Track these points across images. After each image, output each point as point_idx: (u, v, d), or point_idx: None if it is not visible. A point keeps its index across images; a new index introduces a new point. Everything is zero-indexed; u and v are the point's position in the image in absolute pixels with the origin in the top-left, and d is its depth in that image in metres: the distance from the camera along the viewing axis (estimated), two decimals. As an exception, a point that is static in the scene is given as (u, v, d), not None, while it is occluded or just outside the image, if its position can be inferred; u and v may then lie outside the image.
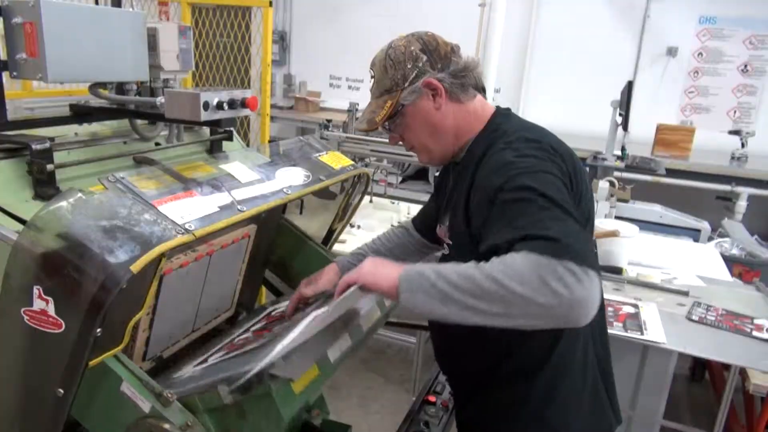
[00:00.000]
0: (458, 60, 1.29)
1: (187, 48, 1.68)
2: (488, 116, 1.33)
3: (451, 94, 1.29)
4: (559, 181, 1.11)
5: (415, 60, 1.27)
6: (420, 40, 1.30)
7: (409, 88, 1.27)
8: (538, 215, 1.01)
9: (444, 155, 1.36)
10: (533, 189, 1.05)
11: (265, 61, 3.72)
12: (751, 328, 2.10)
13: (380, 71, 1.33)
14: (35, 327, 1.04)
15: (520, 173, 1.09)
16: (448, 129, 1.31)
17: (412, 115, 1.31)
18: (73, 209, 1.05)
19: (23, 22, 1.29)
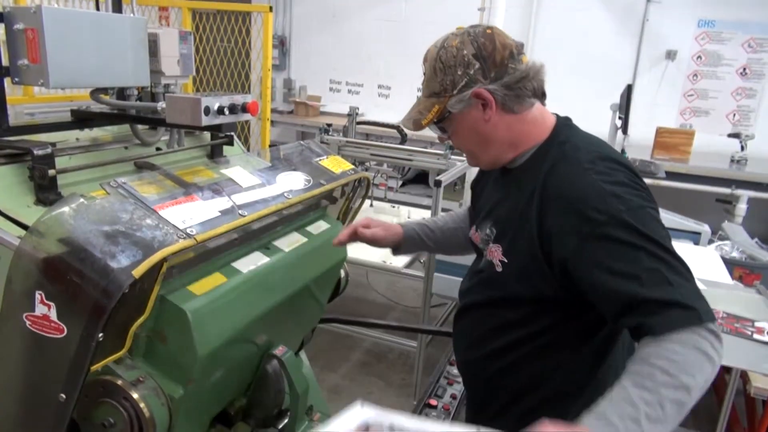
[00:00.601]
0: (516, 67, 1.17)
1: (187, 53, 1.69)
2: (550, 125, 1.24)
3: (505, 106, 1.18)
4: (657, 214, 1.10)
5: (466, 66, 1.16)
6: (475, 42, 1.16)
7: (457, 96, 1.18)
8: (662, 268, 1.01)
9: (494, 163, 1.29)
10: (641, 233, 1.03)
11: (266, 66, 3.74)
12: (752, 331, 2.10)
13: (430, 71, 1.23)
14: (37, 332, 1.05)
15: (622, 210, 1.05)
16: (500, 140, 1.23)
17: (460, 122, 1.23)
18: (75, 214, 1.05)
19: (25, 29, 1.30)
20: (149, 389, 1.17)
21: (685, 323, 0.97)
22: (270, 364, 1.49)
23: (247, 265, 1.37)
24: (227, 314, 1.28)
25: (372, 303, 4.41)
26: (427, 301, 3.12)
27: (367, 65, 6.73)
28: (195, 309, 1.18)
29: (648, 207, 1.08)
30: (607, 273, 1.05)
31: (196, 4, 4.19)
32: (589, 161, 1.13)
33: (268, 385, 1.49)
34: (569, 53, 5.80)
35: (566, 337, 1.21)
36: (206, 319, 1.21)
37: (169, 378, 1.21)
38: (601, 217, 1.05)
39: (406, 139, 4.61)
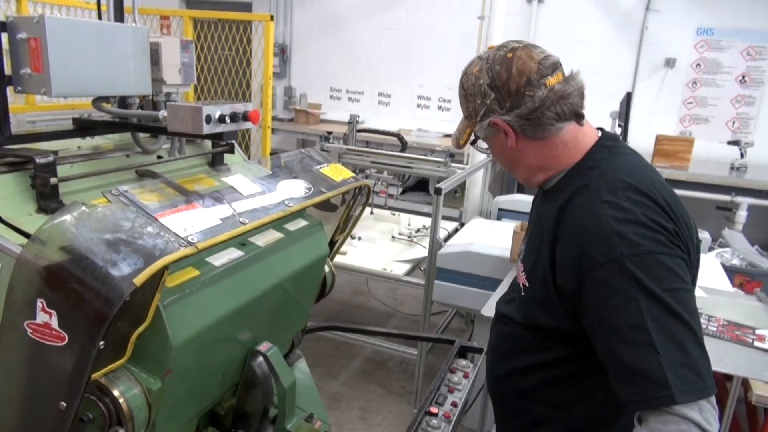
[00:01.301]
0: (533, 94, 1.11)
1: (189, 62, 1.70)
2: (586, 146, 1.18)
3: (525, 134, 1.15)
4: (670, 260, 0.99)
5: (483, 96, 1.15)
6: (490, 71, 1.14)
7: (479, 123, 1.19)
8: (647, 328, 0.94)
9: (526, 182, 1.27)
10: (642, 286, 0.96)
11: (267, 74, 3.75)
12: (753, 339, 2.10)
13: (459, 95, 1.24)
14: (38, 340, 1.05)
15: (626, 255, 0.98)
16: (529, 163, 1.21)
17: (490, 145, 1.25)
18: (77, 222, 1.05)
19: (28, 38, 1.31)
20: (127, 383, 1.18)
21: (652, 403, 0.92)
22: (254, 361, 1.50)
23: (220, 259, 1.37)
24: (201, 306, 1.29)
25: (372, 310, 4.41)
26: (427, 309, 3.12)
27: (367, 73, 6.75)
28: (167, 301, 1.19)
29: (660, 253, 0.99)
30: (597, 320, 1.02)
31: (197, 13, 4.21)
32: (610, 192, 1.06)
33: (254, 382, 1.49)
34: (568, 61, 5.71)
35: (593, 367, 1.11)
36: (179, 310, 1.21)
37: (146, 370, 1.21)
38: (601, 258, 1.00)
39: (407, 146, 4.62)
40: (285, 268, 1.60)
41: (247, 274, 1.44)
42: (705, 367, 0.96)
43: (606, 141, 1.20)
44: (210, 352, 1.37)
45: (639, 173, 1.12)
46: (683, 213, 1.10)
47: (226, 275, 1.37)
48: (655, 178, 1.13)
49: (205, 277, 1.31)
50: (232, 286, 1.39)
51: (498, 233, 3.20)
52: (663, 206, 1.05)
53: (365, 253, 3.48)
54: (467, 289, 2.88)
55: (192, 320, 1.26)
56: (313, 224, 1.75)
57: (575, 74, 1.18)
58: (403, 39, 6.50)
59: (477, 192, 4.04)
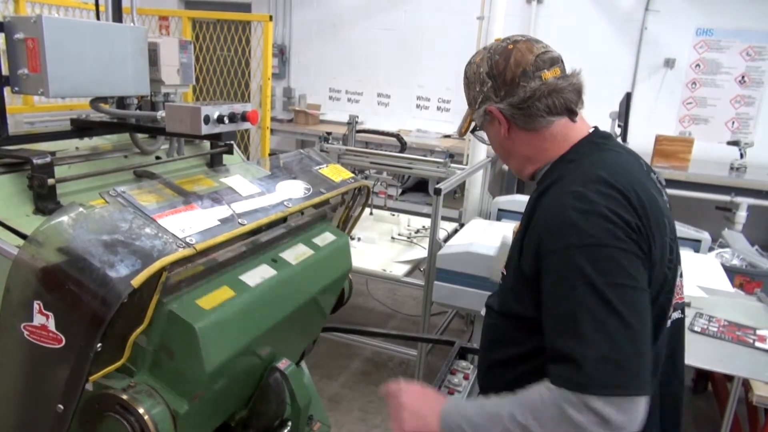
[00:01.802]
0: (527, 85, 1.14)
1: (187, 62, 1.69)
2: (571, 142, 1.20)
3: (516, 124, 1.19)
4: (623, 255, 0.99)
5: (481, 84, 1.20)
6: (490, 60, 1.18)
7: (477, 111, 1.23)
8: (580, 317, 0.96)
9: (519, 173, 1.31)
10: (586, 278, 0.97)
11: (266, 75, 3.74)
12: (753, 339, 2.09)
13: (463, 83, 1.28)
14: (35, 342, 1.04)
15: (577, 246, 0.99)
16: (519, 154, 1.25)
17: (487, 133, 1.29)
18: (74, 223, 1.05)
19: (25, 38, 1.31)
20: (154, 404, 1.15)
21: (568, 383, 0.93)
22: (273, 378, 1.48)
23: (254, 278, 1.36)
24: (235, 329, 1.28)
25: (372, 311, 4.40)
26: (427, 310, 3.11)
27: (367, 74, 6.75)
28: (204, 325, 1.17)
29: (612, 247, 0.99)
30: (544, 305, 1.04)
31: (196, 14, 4.21)
32: (580, 183, 1.07)
33: (270, 398, 1.47)
34: (568, 61, 5.78)
35: None
36: (214, 335, 1.20)
37: (175, 393, 1.19)
38: (552, 246, 1.03)
39: (406, 147, 4.62)
40: (314, 284, 1.60)
41: (279, 293, 1.44)
42: (635, 365, 0.95)
43: (594, 137, 1.22)
44: (236, 371, 1.37)
45: (617, 169, 1.11)
46: (656, 212, 1.09)
47: (259, 295, 1.36)
48: (635, 176, 1.12)
49: (240, 298, 1.30)
50: (265, 306, 1.38)
51: (498, 234, 3.18)
52: (632, 201, 1.05)
53: (365, 254, 3.47)
54: (467, 290, 2.87)
55: (226, 344, 1.25)
56: (340, 238, 1.75)
57: (576, 73, 1.21)
58: (403, 40, 6.50)
59: (477, 192, 4.04)
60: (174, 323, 1.16)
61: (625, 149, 1.24)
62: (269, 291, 1.38)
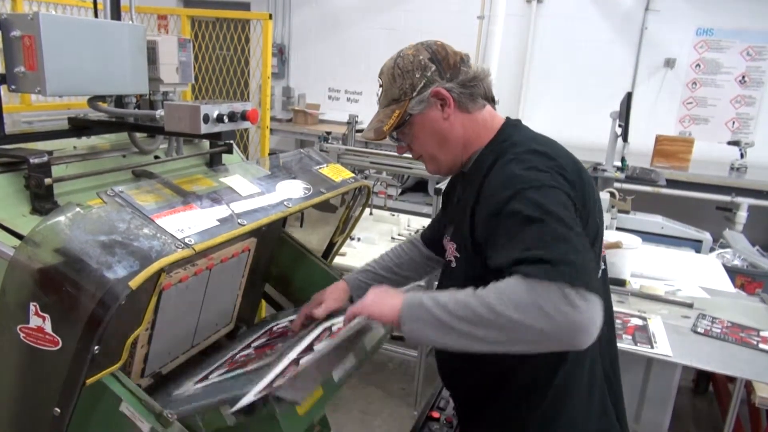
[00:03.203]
0: (467, 70, 1.27)
1: (186, 61, 1.67)
2: (498, 126, 1.31)
3: (460, 104, 1.26)
4: (564, 196, 1.09)
5: (423, 69, 1.25)
6: (429, 49, 1.27)
7: (417, 97, 1.25)
8: (540, 233, 1.01)
9: (452, 165, 1.34)
10: (538, 204, 1.04)
11: (265, 74, 3.72)
12: (757, 341, 2.08)
13: (388, 80, 1.30)
14: (31, 344, 1.02)
15: (525, 188, 1.07)
16: (457, 139, 1.29)
17: (420, 124, 1.29)
18: (71, 224, 1.03)
19: (22, 36, 1.29)
20: None
21: (537, 274, 0.96)
22: None
23: (339, 372, 1.36)
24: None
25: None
26: (427, 310, 3.09)
27: (366, 73, 6.73)
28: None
29: (553, 187, 1.08)
30: (500, 243, 1.07)
31: (195, 12, 4.19)
32: (516, 153, 1.18)
33: None
34: (568, 62, 5.81)
35: None
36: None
37: None
38: (506, 193, 1.09)
39: (406, 147, 4.59)
40: None
41: None
42: (592, 271, 1.01)
43: (512, 122, 1.33)
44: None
45: (539, 140, 1.25)
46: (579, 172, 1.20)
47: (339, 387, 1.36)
48: (554, 144, 1.25)
49: (327, 397, 1.30)
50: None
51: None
52: (556, 162, 1.15)
53: (365, 254, 3.45)
54: (468, 291, 2.86)
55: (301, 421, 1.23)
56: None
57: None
58: (403, 39, 6.43)
59: (477, 192, 4.02)
60: (269, 425, 1.14)
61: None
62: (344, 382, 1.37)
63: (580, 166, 1.23)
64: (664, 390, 2.52)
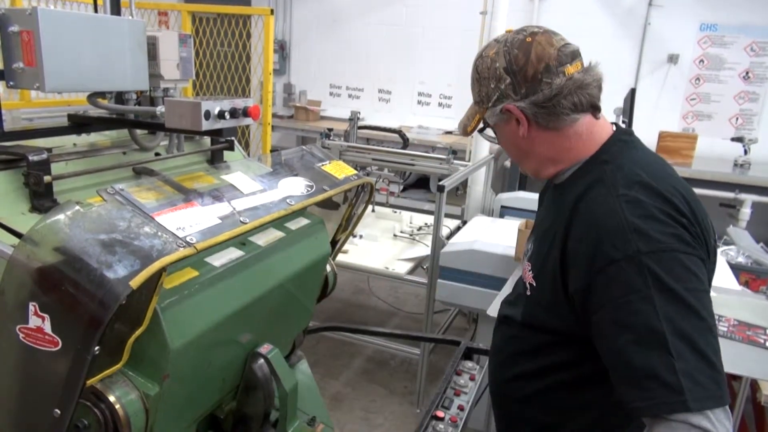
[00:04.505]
0: (551, 82, 1.07)
1: (187, 56, 1.65)
2: (601, 140, 1.13)
3: (539, 123, 1.11)
4: (692, 260, 0.95)
5: (498, 80, 1.11)
6: (508, 54, 1.10)
7: (491, 109, 1.14)
8: (663, 328, 0.89)
9: (535, 173, 1.22)
10: (659, 281, 0.91)
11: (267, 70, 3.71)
12: (764, 339, 2.06)
13: (472, 79, 1.18)
14: (31, 345, 1.01)
15: (642, 252, 0.93)
16: (540, 155, 1.16)
17: (499, 133, 1.20)
18: (71, 222, 1.01)
19: (20, 31, 1.27)
20: (123, 388, 1.14)
21: (663, 408, 0.87)
22: (255, 363, 1.46)
23: (220, 259, 1.33)
24: (200, 308, 1.25)
25: (374, 309, 4.38)
26: (430, 308, 3.08)
27: (368, 69, 6.71)
28: (165, 304, 1.15)
29: (681, 252, 0.94)
30: (607, 319, 0.96)
31: (195, 7, 4.16)
32: (625, 186, 1.02)
33: (255, 384, 1.46)
34: (571, 57, 5.77)
35: (599, 373, 1.05)
36: (177, 313, 1.17)
37: (143, 375, 1.17)
38: (616, 255, 0.96)
39: (408, 143, 4.58)
40: (286, 268, 1.56)
41: (248, 274, 1.40)
42: (722, 374, 0.91)
43: (621, 135, 1.16)
44: (209, 355, 1.33)
45: (655, 169, 1.07)
46: (703, 213, 1.06)
47: (225, 276, 1.33)
48: (673, 175, 1.10)
49: (205, 278, 1.27)
50: (231, 287, 1.35)
51: (501, 231, 3.16)
52: (681, 204, 1.01)
53: (367, 252, 3.44)
54: (471, 288, 2.84)
55: (191, 323, 1.22)
56: (314, 222, 1.71)
57: (594, 66, 1.14)
58: (404, 35, 6.45)
59: (479, 189, 4.01)
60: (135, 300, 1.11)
61: (645, 146, 1.20)
62: (236, 271, 1.35)
63: (696, 200, 1.06)
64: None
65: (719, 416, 0.87)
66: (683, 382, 0.87)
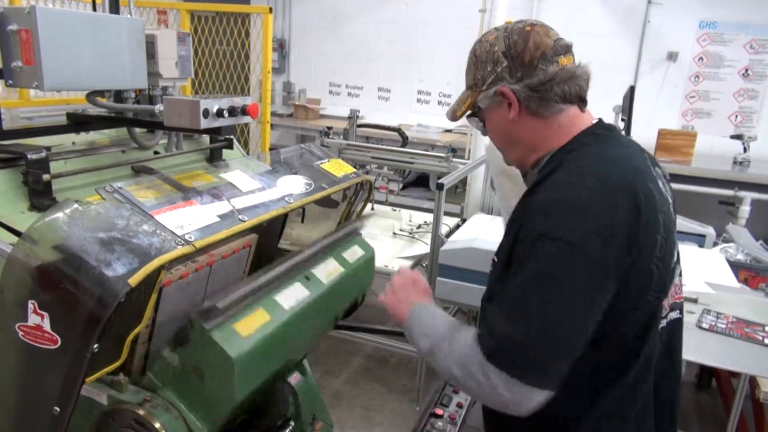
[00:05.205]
0: (546, 68, 1.12)
1: (186, 55, 1.66)
2: (576, 132, 1.16)
3: (529, 108, 1.14)
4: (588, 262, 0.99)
5: (495, 63, 1.15)
6: (508, 39, 1.14)
7: (485, 92, 1.17)
8: (517, 298, 1.02)
9: (520, 162, 1.26)
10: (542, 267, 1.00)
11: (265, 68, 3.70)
12: (763, 336, 2.06)
13: (468, 63, 1.22)
14: (30, 343, 1.01)
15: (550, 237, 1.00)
16: (524, 141, 1.19)
17: (489, 118, 1.22)
18: (70, 220, 1.02)
19: (19, 30, 1.27)
20: (171, 420, 1.13)
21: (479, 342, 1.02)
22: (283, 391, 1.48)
23: (289, 300, 1.35)
24: (268, 356, 1.26)
25: (373, 307, 4.37)
26: (429, 306, 3.08)
27: (367, 68, 6.70)
28: (240, 355, 1.15)
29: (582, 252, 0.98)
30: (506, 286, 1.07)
31: (194, 6, 4.16)
32: (576, 175, 1.06)
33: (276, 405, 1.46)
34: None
35: None
36: (249, 364, 1.18)
37: (198, 414, 1.18)
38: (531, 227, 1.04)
39: (408, 141, 4.58)
40: (342, 301, 1.62)
41: (312, 312, 1.42)
42: (543, 360, 0.99)
43: (597, 129, 1.18)
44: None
45: (616, 163, 1.09)
46: (649, 210, 1.05)
47: (293, 318, 1.34)
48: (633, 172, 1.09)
49: (276, 322, 1.28)
50: (296, 327, 1.36)
51: (501, 229, 3.15)
52: (620, 201, 1.02)
53: (366, 250, 3.44)
54: (471, 286, 2.84)
55: (257, 372, 1.24)
56: (367, 252, 1.76)
57: (584, 64, 1.18)
58: (403, 33, 6.45)
59: (479, 187, 4.00)
60: (210, 348, 1.14)
61: (628, 141, 1.21)
62: (302, 313, 1.37)
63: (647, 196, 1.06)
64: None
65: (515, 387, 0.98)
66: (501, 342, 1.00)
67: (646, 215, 1.04)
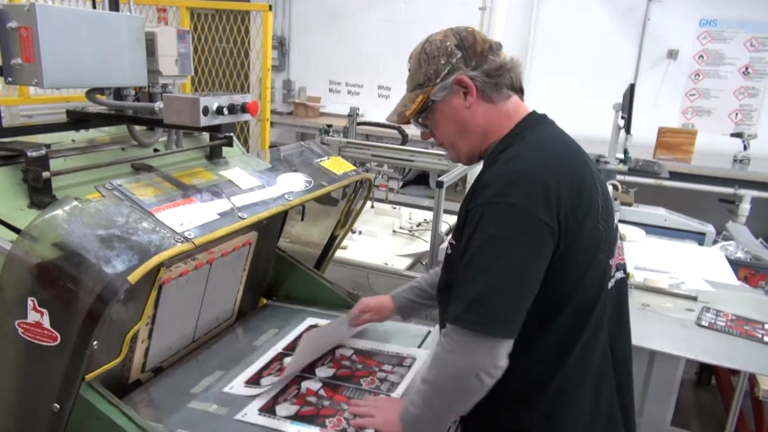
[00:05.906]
0: (495, 59, 1.24)
1: (185, 52, 1.65)
2: (519, 118, 1.27)
3: (483, 94, 1.24)
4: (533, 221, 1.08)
5: (449, 56, 1.24)
6: (457, 35, 1.25)
7: (440, 84, 1.24)
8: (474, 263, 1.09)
9: (470, 154, 1.32)
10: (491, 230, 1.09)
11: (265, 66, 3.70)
12: (762, 334, 2.06)
13: (415, 65, 1.30)
14: (30, 340, 1.01)
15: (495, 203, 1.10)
16: (477, 128, 1.27)
17: (442, 111, 1.27)
18: (69, 218, 1.02)
19: (18, 27, 1.27)
20: None
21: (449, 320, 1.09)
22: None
23: None
24: None
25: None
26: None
27: (367, 66, 6.69)
28: None
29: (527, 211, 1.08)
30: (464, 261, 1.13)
31: (194, 3, 4.16)
32: (522, 149, 1.17)
33: None
34: (570, 53, 5.76)
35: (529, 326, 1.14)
36: None
37: None
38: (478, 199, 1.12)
39: (408, 139, 4.58)
40: None
41: None
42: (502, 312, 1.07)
43: (536, 115, 1.30)
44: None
45: (557, 140, 1.24)
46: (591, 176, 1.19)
47: None
48: (576, 145, 1.25)
49: None
50: None
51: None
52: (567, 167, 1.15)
53: (366, 248, 3.44)
54: (470, 284, 2.84)
55: None
56: None
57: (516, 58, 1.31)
58: (403, 31, 6.44)
59: (478, 185, 4.00)
60: None
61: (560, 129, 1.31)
62: None
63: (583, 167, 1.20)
64: (666, 383, 2.51)
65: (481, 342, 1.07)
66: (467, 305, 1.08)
67: (587, 179, 1.17)
